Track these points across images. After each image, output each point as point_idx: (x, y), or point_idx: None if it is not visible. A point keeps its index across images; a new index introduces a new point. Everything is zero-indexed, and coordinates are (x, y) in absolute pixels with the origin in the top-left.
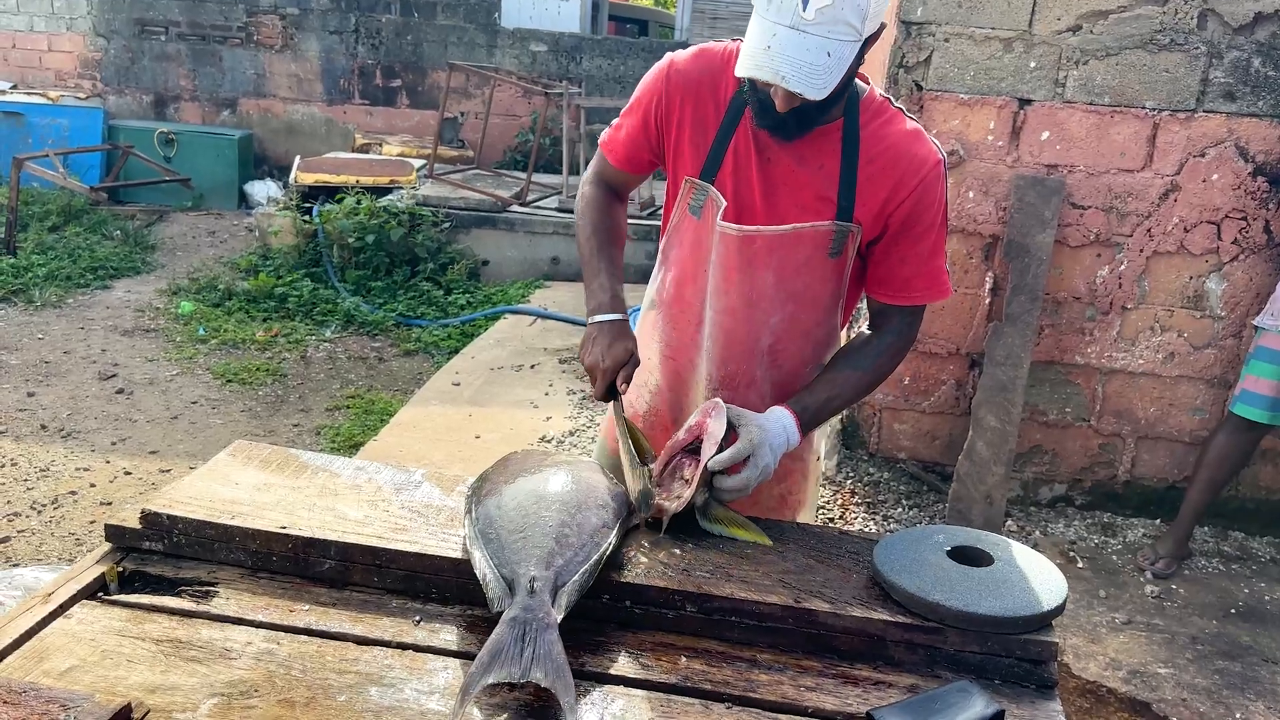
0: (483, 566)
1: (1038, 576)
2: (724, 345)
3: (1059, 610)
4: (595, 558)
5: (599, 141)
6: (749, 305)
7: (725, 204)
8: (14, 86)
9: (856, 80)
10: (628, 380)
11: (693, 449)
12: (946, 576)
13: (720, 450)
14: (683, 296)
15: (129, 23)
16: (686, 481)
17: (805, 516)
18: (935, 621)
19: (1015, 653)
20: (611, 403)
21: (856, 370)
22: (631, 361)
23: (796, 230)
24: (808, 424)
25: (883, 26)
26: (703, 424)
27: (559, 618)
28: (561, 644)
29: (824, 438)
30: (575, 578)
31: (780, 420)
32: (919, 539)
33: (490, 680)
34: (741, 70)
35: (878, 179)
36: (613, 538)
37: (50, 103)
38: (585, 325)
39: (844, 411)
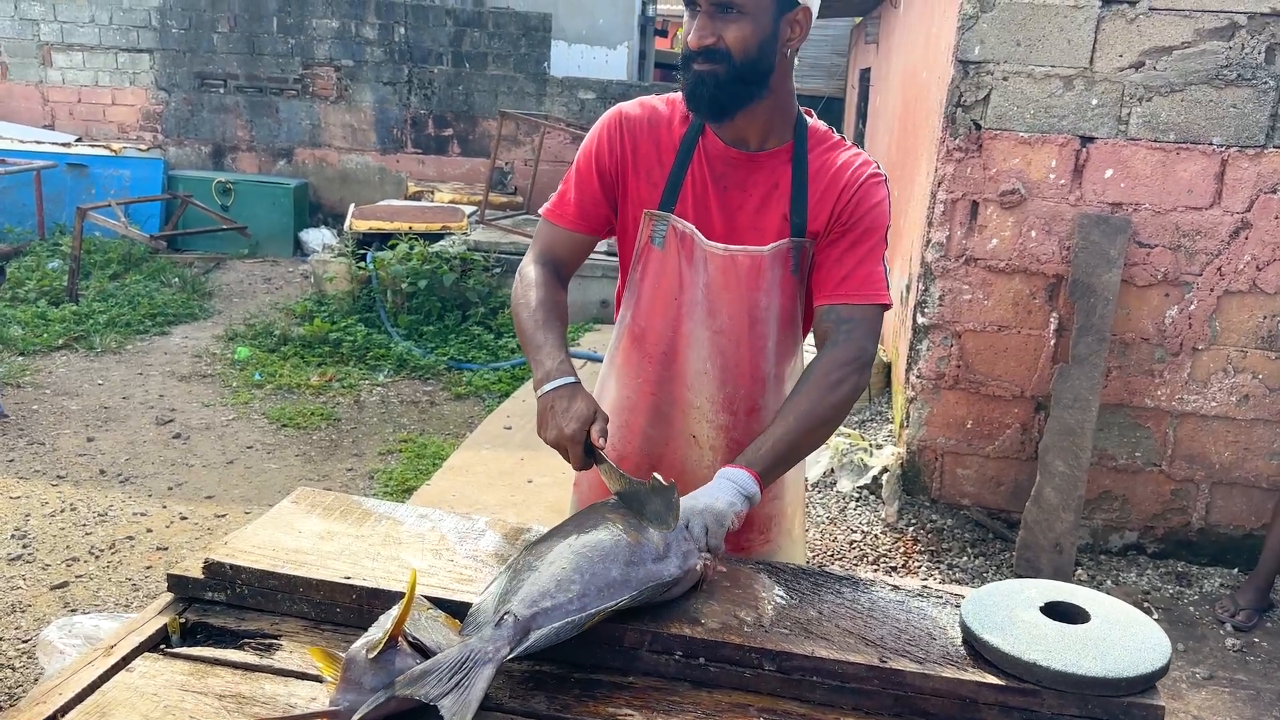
0: (483, 595)
1: (1138, 634)
2: (722, 367)
3: (1164, 671)
4: (592, 610)
5: (541, 214)
6: (746, 326)
7: (694, 228)
8: (79, 139)
9: (803, 113)
10: (604, 434)
11: None
12: (1042, 635)
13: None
14: (654, 327)
15: (189, 76)
16: None
17: (792, 537)
18: (1031, 683)
19: (1118, 717)
20: (597, 467)
21: (799, 395)
22: (600, 416)
23: (774, 249)
24: (757, 463)
25: (805, 10)
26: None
27: (509, 655)
28: (489, 681)
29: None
30: (556, 625)
31: (717, 481)
32: (1009, 594)
33: (410, 693)
34: None
35: (826, 195)
36: (627, 597)
37: (113, 154)
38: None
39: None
